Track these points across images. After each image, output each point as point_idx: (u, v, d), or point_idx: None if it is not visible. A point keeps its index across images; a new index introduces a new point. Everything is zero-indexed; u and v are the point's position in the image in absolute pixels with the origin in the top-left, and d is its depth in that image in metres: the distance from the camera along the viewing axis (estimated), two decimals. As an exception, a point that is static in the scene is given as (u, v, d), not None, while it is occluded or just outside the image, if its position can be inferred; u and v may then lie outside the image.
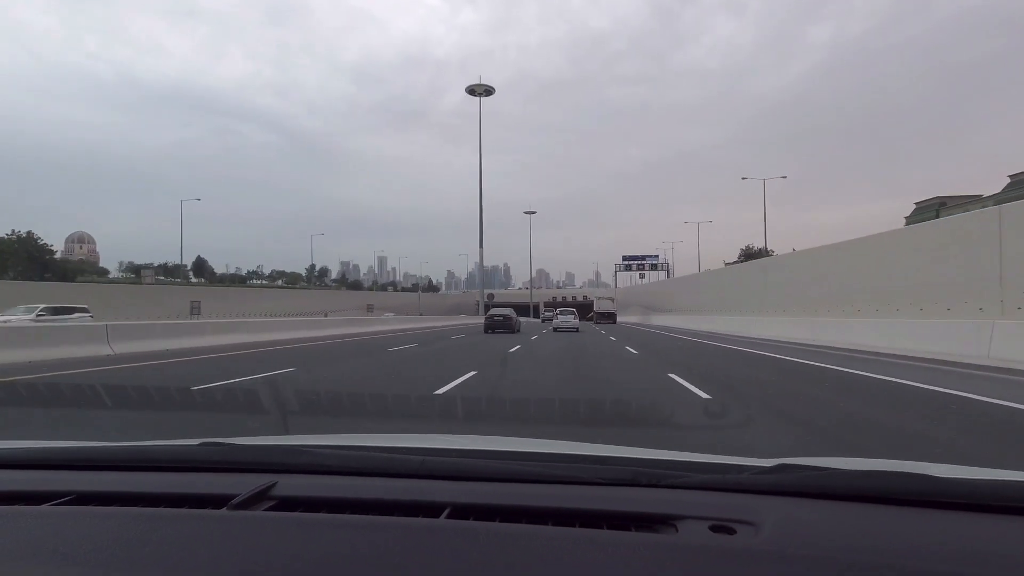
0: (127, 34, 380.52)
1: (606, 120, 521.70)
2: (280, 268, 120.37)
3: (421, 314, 65.16)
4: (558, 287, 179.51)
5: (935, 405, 6.44)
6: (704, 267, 63.28)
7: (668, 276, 77.96)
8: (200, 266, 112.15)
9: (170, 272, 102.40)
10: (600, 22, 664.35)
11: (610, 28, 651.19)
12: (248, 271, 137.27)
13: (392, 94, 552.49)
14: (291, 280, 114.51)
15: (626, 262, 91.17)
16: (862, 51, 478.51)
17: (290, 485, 1.06)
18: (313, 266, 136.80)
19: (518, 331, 28.90)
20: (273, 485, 1.04)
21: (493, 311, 29.86)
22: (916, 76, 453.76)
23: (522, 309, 37.46)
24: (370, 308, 72.06)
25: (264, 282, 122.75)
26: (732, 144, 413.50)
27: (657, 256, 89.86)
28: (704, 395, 7.06)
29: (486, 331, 28.12)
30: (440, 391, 7.39)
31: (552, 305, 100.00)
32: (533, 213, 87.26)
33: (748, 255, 70.46)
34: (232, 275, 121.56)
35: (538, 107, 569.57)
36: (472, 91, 53.20)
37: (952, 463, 1.18)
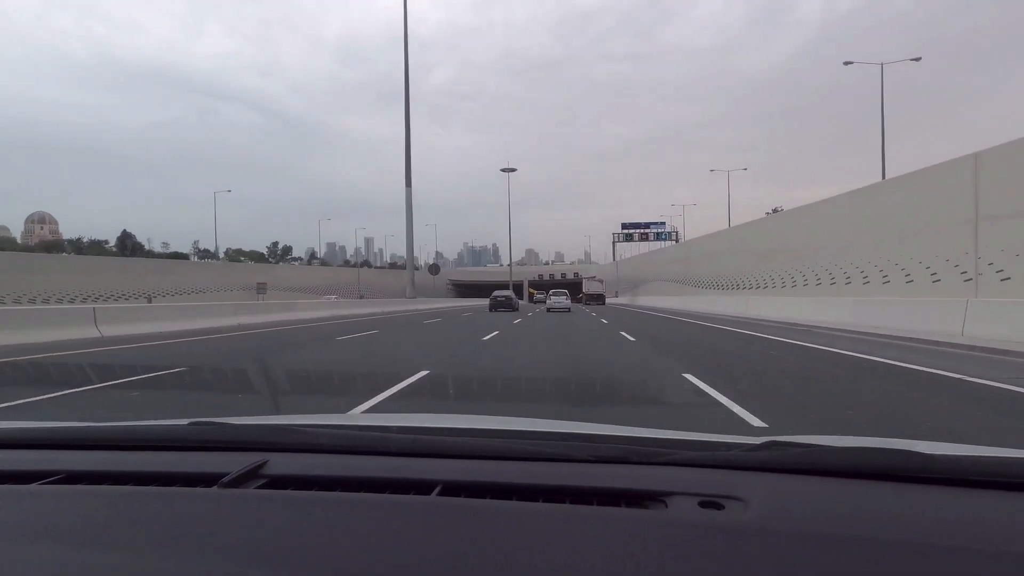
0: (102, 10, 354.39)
1: (594, 98, 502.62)
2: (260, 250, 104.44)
3: (362, 296, 49.67)
4: (546, 264, 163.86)
5: None
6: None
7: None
8: (124, 241, 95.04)
9: (82, 249, 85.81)
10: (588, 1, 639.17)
11: (598, 5, 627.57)
12: (201, 248, 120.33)
13: (377, 73, 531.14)
14: (250, 259, 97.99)
15: (626, 231, 77.43)
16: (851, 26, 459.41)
17: (281, 463, 1.09)
18: (276, 243, 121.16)
19: (517, 309, 34.85)
20: (264, 463, 1.07)
21: (496, 293, 36.05)
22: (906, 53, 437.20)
23: (502, 288, 41.49)
24: (261, 289, 53.59)
25: (224, 259, 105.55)
26: (728, 121, 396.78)
27: (663, 224, 74.69)
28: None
29: (491, 310, 33.69)
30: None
31: (538, 285, 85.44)
32: (513, 171, 71.68)
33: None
34: (164, 253, 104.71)
35: (525, 86, 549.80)
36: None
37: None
